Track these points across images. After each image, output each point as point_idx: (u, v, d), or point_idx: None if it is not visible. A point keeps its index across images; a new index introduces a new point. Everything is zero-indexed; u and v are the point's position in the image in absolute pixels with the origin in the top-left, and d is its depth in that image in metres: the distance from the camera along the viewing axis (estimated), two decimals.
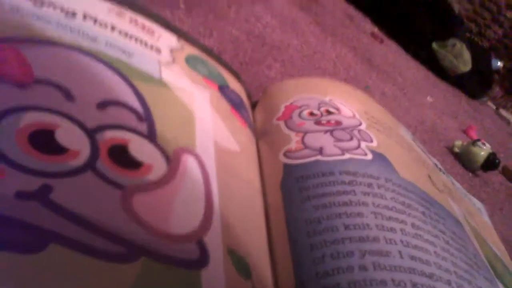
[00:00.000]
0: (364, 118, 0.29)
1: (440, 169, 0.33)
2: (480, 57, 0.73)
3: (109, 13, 0.23)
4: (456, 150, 0.51)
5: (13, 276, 0.11)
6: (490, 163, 0.49)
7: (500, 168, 0.53)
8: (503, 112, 0.76)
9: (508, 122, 0.75)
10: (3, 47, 0.18)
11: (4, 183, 0.13)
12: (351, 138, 0.26)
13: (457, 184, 0.35)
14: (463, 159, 0.51)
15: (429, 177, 0.28)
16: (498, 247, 0.31)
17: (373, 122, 0.29)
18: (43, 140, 0.15)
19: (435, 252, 0.20)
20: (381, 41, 0.66)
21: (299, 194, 0.22)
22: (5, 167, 0.14)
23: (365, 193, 0.22)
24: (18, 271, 0.12)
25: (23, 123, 0.15)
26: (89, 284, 0.12)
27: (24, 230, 0.12)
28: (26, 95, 0.16)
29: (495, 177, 0.53)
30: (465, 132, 0.59)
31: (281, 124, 0.27)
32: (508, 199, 0.50)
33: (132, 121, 0.19)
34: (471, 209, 0.33)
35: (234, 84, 0.29)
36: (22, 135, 0.15)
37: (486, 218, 0.35)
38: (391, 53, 0.66)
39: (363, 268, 0.18)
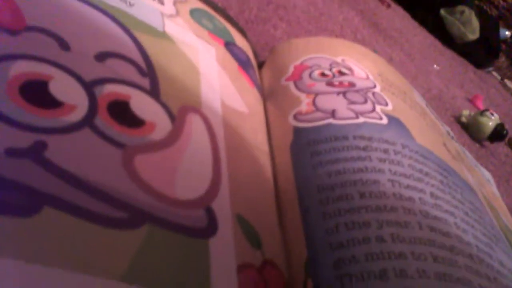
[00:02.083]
0: (378, 80, 0.27)
1: (452, 137, 0.32)
2: (488, 25, 0.71)
3: None
4: (464, 119, 0.50)
5: (4, 240, 0.10)
6: (498, 133, 0.48)
7: (506, 139, 0.52)
8: (508, 82, 0.75)
9: None
10: None
11: None
12: (365, 101, 0.24)
13: (467, 153, 0.34)
14: (470, 129, 0.49)
15: (444, 144, 0.27)
16: (508, 219, 0.30)
17: (388, 85, 0.27)
18: (36, 92, 0.14)
19: (455, 223, 0.19)
20: (388, 6, 0.64)
21: (310, 159, 0.21)
22: None
23: (381, 160, 0.20)
24: (10, 235, 0.10)
25: (14, 73, 0.14)
26: (87, 252, 0.11)
27: (15, 191, 0.11)
28: (16, 43, 0.15)
29: (501, 148, 0.52)
30: (471, 101, 0.58)
31: (291, 84, 0.26)
32: None
33: (133, 75, 0.17)
34: (482, 179, 0.32)
35: (240, 41, 0.27)
36: (12, 86, 0.13)
37: (495, 189, 0.34)
38: (398, 18, 0.64)
39: (381, 239, 0.17)
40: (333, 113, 0.23)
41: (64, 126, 0.13)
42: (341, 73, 0.26)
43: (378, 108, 0.24)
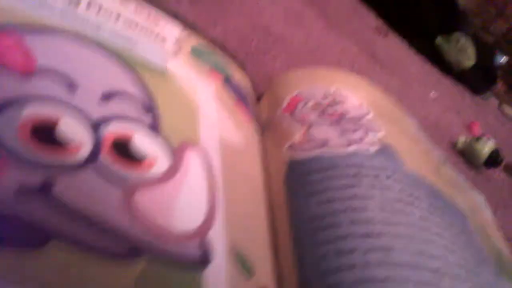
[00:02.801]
0: (371, 107, 0.28)
1: (445, 162, 0.33)
2: (484, 52, 0.72)
3: (113, 2, 0.22)
4: (459, 146, 0.51)
5: (12, 272, 0.11)
6: (493, 160, 0.49)
7: (502, 165, 0.52)
8: (506, 108, 0.76)
9: (511, 118, 0.74)
10: (5, 36, 0.17)
11: (6, 177, 0.13)
12: (357, 129, 0.25)
13: (461, 178, 0.35)
14: (466, 155, 0.50)
15: (436, 169, 0.28)
16: (501, 243, 0.31)
17: (380, 112, 0.28)
18: (46, 133, 0.15)
19: (443, 245, 0.20)
20: (385, 35, 0.66)
21: (302, 189, 0.22)
22: (7, 160, 0.13)
23: (371, 186, 0.21)
24: (17, 268, 0.11)
25: (26, 115, 0.15)
26: (89, 282, 0.12)
27: (24, 225, 0.12)
28: (28, 85, 0.16)
29: (498, 174, 0.53)
30: (468, 128, 0.59)
31: (286, 116, 0.27)
32: None
33: (136, 112, 0.18)
34: (475, 203, 0.33)
35: (238, 76, 0.28)
36: (24, 127, 0.15)
37: (488, 212, 0.35)
38: (395, 47, 0.66)
39: (366, 265, 0.18)
40: (325, 143, 0.24)
41: (71, 164, 0.14)
42: (334, 103, 0.28)
43: (369, 135, 0.25)
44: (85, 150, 0.15)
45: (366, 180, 0.21)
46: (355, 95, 0.29)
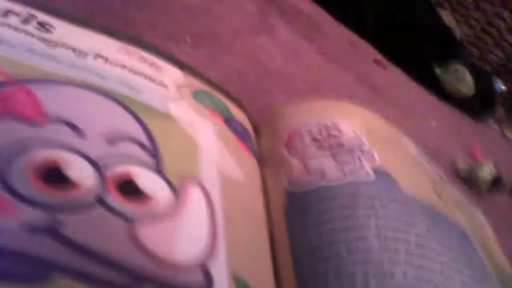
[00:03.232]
0: (366, 136, 0.29)
1: (444, 180, 0.34)
2: (483, 80, 0.73)
3: (118, 53, 0.24)
4: (462, 174, 0.51)
5: None
6: (496, 186, 0.49)
7: (506, 190, 0.53)
8: (507, 133, 0.76)
9: None
10: (17, 87, 0.19)
11: (14, 217, 0.14)
12: (354, 160, 0.26)
13: (460, 195, 0.35)
14: (468, 183, 0.51)
15: (434, 189, 0.28)
16: (502, 259, 0.31)
17: (376, 139, 0.29)
18: (55, 176, 0.16)
19: (441, 270, 0.21)
20: (385, 68, 0.67)
21: (302, 222, 0.23)
22: (18, 203, 0.14)
23: (367, 216, 0.22)
24: None
25: (36, 160, 0.16)
26: None
27: (28, 260, 0.13)
28: (38, 133, 0.17)
29: (502, 198, 0.53)
30: (469, 154, 0.60)
31: (284, 151, 0.28)
32: None
33: (140, 154, 0.19)
34: (476, 220, 0.33)
35: (239, 115, 0.30)
36: (34, 171, 0.16)
37: (489, 229, 0.35)
38: (394, 78, 0.67)
39: None
40: (323, 175, 0.25)
41: (79, 205, 0.16)
42: (330, 136, 0.29)
43: (365, 165, 0.26)
44: (92, 190, 0.16)
45: (361, 211, 0.22)
46: (351, 123, 0.30)
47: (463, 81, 0.70)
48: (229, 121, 0.27)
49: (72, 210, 0.15)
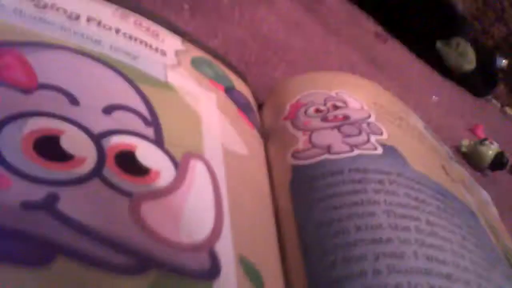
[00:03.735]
0: (373, 109, 0.28)
1: (452, 158, 0.33)
2: (484, 55, 0.72)
3: (113, 16, 0.22)
4: (464, 149, 0.51)
5: None
6: (498, 162, 0.48)
7: (507, 167, 0.52)
8: (508, 110, 0.76)
9: None
10: (5, 52, 0.17)
11: (10, 193, 0.13)
12: (360, 133, 0.25)
13: (467, 174, 0.34)
14: (470, 158, 0.50)
15: (443, 167, 0.27)
16: (508, 240, 0.30)
17: (383, 113, 0.28)
18: (49, 147, 0.15)
19: (452, 249, 0.20)
20: (385, 41, 0.66)
21: (308, 196, 0.22)
22: (10, 176, 0.13)
23: (376, 191, 0.21)
24: (24, 286, 0.11)
25: (28, 130, 0.15)
26: None
27: (30, 242, 0.12)
28: (30, 101, 0.16)
29: (503, 176, 0.53)
30: (471, 131, 0.59)
31: (288, 123, 0.27)
32: None
33: (139, 125, 0.18)
34: (482, 200, 0.32)
35: (240, 86, 0.28)
36: (26, 142, 0.14)
37: (494, 209, 0.35)
38: (395, 52, 0.66)
39: (377, 272, 0.18)
40: (328, 148, 0.24)
41: (75, 178, 0.14)
42: (335, 107, 0.27)
43: (373, 138, 0.25)
44: (89, 163, 0.15)
45: (370, 185, 0.21)
46: (357, 96, 0.29)
47: (464, 56, 0.68)
48: (230, 91, 0.26)
49: (68, 183, 0.14)
